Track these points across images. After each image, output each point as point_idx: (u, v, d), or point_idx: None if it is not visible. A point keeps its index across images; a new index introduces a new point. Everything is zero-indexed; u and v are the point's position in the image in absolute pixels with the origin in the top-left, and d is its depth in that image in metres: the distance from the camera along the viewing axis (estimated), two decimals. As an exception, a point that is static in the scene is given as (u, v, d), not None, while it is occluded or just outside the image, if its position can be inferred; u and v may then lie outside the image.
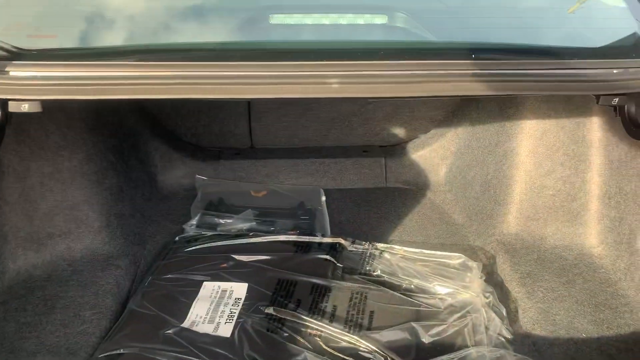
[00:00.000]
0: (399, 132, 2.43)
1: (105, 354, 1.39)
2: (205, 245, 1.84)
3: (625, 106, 1.34)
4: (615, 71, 1.20)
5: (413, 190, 2.32)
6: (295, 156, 2.36)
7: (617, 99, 1.28)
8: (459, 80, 1.14)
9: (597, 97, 1.30)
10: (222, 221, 2.00)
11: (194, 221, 1.98)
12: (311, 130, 2.39)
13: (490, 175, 1.99)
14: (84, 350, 1.43)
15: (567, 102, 1.79)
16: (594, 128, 1.76)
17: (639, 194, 1.60)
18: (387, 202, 2.22)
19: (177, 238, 1.92)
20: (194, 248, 1.83)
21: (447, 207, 2.18)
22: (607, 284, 1.66)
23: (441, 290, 1.68)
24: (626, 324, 1.52)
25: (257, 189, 2.24)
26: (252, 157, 2.34)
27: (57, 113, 1.75)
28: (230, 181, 2.28)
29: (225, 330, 1.49)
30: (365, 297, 1.61)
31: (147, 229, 1.99)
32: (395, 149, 2.44)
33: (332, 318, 1.53)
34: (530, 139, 1.86)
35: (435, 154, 2.37)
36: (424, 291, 1.69)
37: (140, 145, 2.19)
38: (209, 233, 1.94)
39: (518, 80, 1.16)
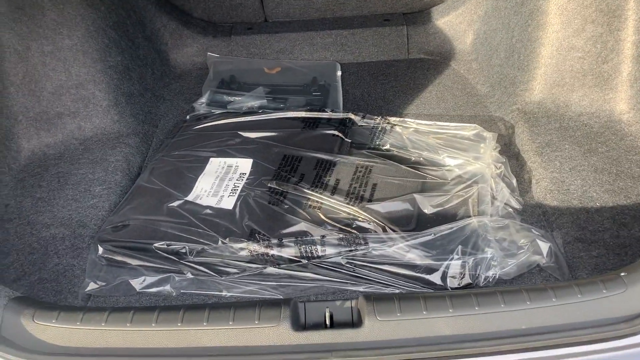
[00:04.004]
0: None
1: (112, 225, 1.44)
2: (214, 123, 1.83)
3: None
4: None
5: (436, 60, 2.17)
6: (311, 28, 2.23)
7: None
8: None
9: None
10: (232, 99, 1.96)
11: (203, 99, 1.96)
12: None
13: (515, 39, 1.82)
14: (94, 222, 1.49)
15: (604, -52, 1.56)
16: (634, -23, 1.54)
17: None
18: (407, 75, 2.10)
19: (188, 117, 1.91)
20: (202, 126, 1.82)
21: (471, 77, 2.04)
22: (633, 152, 1.54)
23: (450, 161, 1.61)
24: (646, 192, 1.43)
25: (270, 66, 2.16)
26: (265, 31, 2.24)
27: (51, -13, 1.70)
28: (242, 58, 2.21)
29: (228, 202, 1.50)
30: (370, 170, 1.58)
31: (159, 108, 1.98)
32: (418, 16, 2.27)
33: (334, 191, 1.51)
34: (560, -7, 1.66)
35: (462, 19, 2.18)
36: (432, 164, 1.63)
37: (147, 22, 2.13)
38: (219, 111, 1.91)
39: None
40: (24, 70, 1.68)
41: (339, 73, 2.11)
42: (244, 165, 1.63)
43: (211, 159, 1.66)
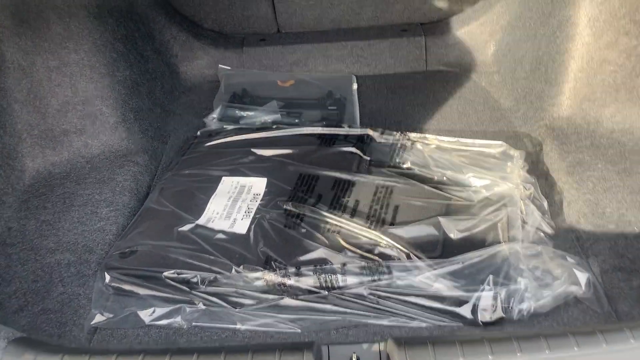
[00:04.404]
0: (443, 4, 2.15)
1: (120, 251, 1.36)
2: (226, 140, 1.75)
3: None
4: None
5: (456, 72, 2.09)
6: (326, 40, 2.16)
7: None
8: None
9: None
10: (244, 114, 1.89)
11: (214, 114, 1.89)
12: (342, 8, 2.16)
13: (542, 51, 1.74)
14: (100, 247, 1.42)
15: (640, -45, 1.47)
16: (672, -14, 1.45)
17: None
18: (425, 88, 2.02)
19: (199, 132, 1.84)
20: (214, 142, 1.74)
21: (493, 90, 1.96)
22: (672, 172, 1.45)
23: (476, 182, 1.53)
24: (689, 217, 1.33)
25: (283, 79, 2.08)
26: (278, 43, 2.17)
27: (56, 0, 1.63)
28: (255, 71, 2.14)
29: (242, 226, 1.42)
30: (391, 191, 1.49)
31: (169, 123, 1.91)
32: (437, 26, 2.18)
33: (354, 213, 1.43)
34: (591, 4, 1.57)
35: (483, 29, 2.10)
36: (457, 184, 1.54)
37: (156, 34, 2.05)
38: (231, 127, 1.84)
39: None
40: (28, 87, 1.61)
41: (355, 86, 2.04)
42: (258, 185, 1.55)
43: (223, 178, 1.58)
